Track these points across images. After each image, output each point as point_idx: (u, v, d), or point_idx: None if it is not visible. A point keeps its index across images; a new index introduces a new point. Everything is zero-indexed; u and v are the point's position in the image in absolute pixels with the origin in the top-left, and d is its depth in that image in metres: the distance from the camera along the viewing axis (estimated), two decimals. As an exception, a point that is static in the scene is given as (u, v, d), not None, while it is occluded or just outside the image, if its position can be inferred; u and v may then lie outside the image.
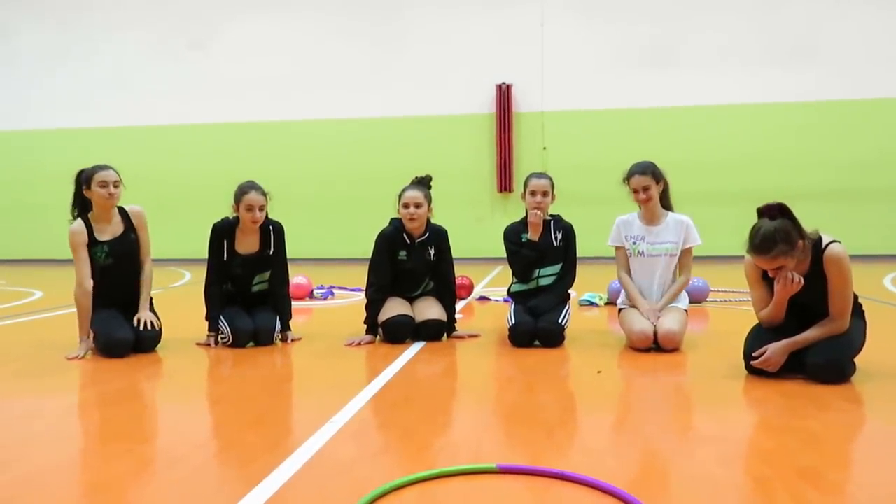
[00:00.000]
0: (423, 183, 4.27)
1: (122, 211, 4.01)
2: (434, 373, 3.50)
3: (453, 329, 4.27)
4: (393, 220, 4.26)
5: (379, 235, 4.24)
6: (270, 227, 4.18)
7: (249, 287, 4.22)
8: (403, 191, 4.20)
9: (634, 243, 4.02)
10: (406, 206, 4.13)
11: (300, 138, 12.29)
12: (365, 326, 4.17)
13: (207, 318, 4.11)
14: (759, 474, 2.01)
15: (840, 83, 11.19)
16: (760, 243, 2.92)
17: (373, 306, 4.16)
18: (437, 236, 4.26)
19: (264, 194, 4.08)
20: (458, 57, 11.97)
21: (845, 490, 1.93)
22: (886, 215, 11.02)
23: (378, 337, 4.17)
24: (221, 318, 4.07)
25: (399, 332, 4.08)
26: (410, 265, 4.22)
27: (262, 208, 4.05)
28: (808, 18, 11.34)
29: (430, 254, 4.24)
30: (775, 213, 2.94)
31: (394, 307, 4.16)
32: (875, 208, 11.01)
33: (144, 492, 1.95)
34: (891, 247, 10.81)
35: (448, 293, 4.32)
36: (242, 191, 4.05)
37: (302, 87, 12.25)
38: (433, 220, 4.28)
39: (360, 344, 4.06)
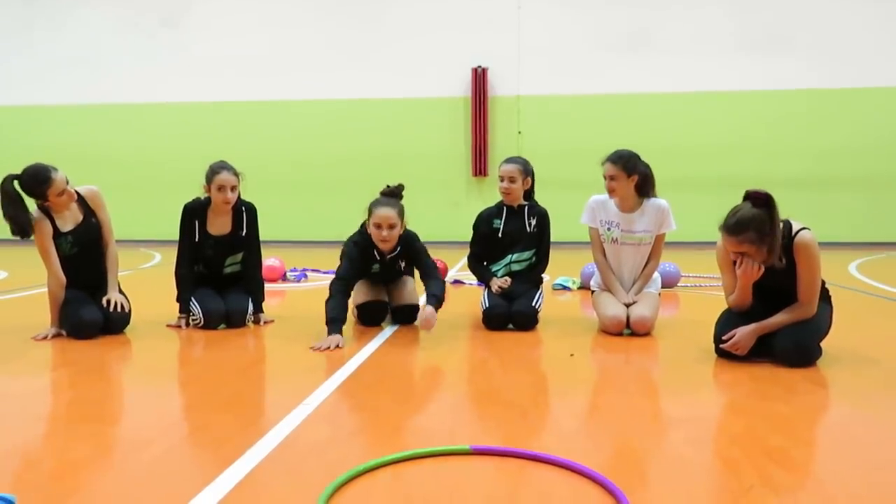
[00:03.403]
0: (395, 194, 3.92)
1: (76, 195, 3.86)
2: (408, 355, 3.49)
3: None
4: (362, 231, 3.94)
5: (351, 243, 3.95)
6: (243, 208, 4.13)
7: (221, 269, 4.17)
8: (374, 206, 3.80)
9: (609, 229, 4.02)
10: (378, 226, 3.76)
11: (273, 119, 12.13)
12: (327, 327, 3.58)
13: (178, 299, 4.06)
14: (728, 455, 2.05)
15: (815, 73, 11.31)
16: (734, 224, 2.96)
17: (335, 300, 3.68)
18: (407, 246, 3.97)
19: (236, 174, 4.02)
20: (434, 39, 11.89)
21: (811, 470, 1.97)
22: (855, 204, 11.21)
23: (344, 336, 3.61)
24: (193, 299, 4.02)
25: (374, 317, 4.07)
26: (382, 274, 4.09)
27: (234, 188, 4.00)
28: (785, 8, 11.42)
29: (400, 265, 4.09)
30: (760, 202, 2.96)
31: (368, 291, 4.09)
32: (844, 197, 11.19)
33: (114, 473, 1.93)
34: (858, 234, 11.02)
35: (434, 282, 3.88)
36: (214, 171, 3.99)
37: (276, 68, 12.07)
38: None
39: (329, 349, 3.43)
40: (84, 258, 3.86)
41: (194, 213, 4.06)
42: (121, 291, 3.96)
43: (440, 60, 11.88)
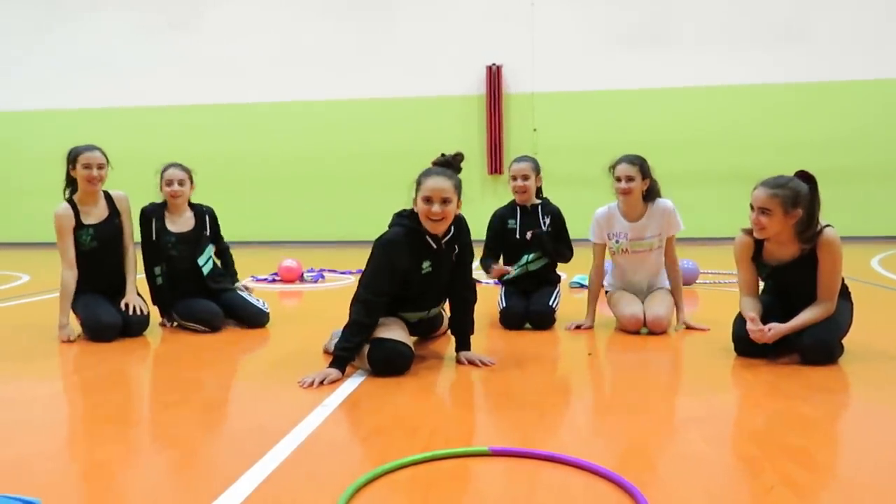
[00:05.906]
0: (452, 165, 3.16)
1: (106, 195, 4.02)
2: (426, 356, 3.50)
3: (467, 347, 3.27)
4: (400, 218, 3.06)
5: (383, 244, 2.98)
6: (203, 209, 4.25)
7: (198, 267, 4.17)
8: (424, 177, 2.99)
9: (617, 241, 3.99)
10: (428, 199, 2.91)
11: (287, 120, 12.19)
12: (329, 357, 3.03)
13: (154, 302, 4.17)
14: (747, 454, 2.03)
15: (827, 65, 11.21)
16: (773, 179, 3.00)
17: (354, 331, 2.92)
18: (460, 233, 3.16)
19: (185, 170, 4.18)
20: (448, 37, 11.89)
21: (832, 469, 1.95)
22: (874, 196, 11.08)
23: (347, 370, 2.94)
24: (180, 313, 4.09)
25: (393, 365, 2.94)
26: (435, 276, 3.11)
27: (181, 182, 4.13)
28: (795, 1, 11.32)
29: (455, 254, 3.18)
30: (804, 178, 3.02)
31: (393, 323, 3.10)
32: (863, 189, 11.03)
33: (137, 474, 1.95)
34: (879, 228, 10.87)
35: (465, 314, 3.25)
36: (164, 168, 4.19)
37: (289, 68, 12.12)
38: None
39: (321, 383, 2.79)
40: (102, 254, 3.93)
41: (151, 213, 4.14)
42: (139, 294, 4.01)
43: (454, 58, 11.88)
